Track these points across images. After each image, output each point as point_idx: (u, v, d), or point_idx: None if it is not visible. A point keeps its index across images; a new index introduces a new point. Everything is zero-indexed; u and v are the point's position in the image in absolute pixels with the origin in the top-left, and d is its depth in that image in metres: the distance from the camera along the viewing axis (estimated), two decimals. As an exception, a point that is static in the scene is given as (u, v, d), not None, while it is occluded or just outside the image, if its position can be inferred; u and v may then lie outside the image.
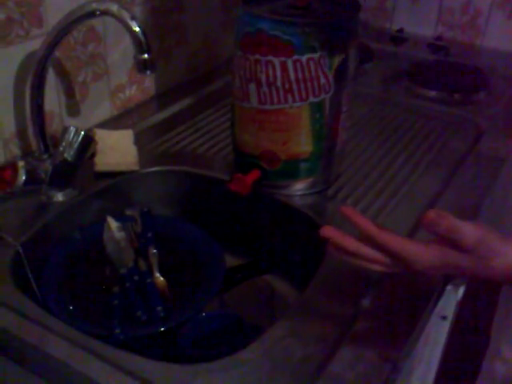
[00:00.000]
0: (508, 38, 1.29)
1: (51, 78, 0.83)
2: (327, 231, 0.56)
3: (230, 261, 0.80)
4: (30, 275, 0.68)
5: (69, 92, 0.87)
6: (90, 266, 0.75)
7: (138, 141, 0.88)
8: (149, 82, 1.02)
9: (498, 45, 1.31)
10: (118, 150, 0.84)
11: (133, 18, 0.64)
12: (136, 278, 0.71)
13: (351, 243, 0.56)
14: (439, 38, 1.33)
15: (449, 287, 0.82)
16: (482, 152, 0.93)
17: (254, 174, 0.77)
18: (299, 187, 0.80)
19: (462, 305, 1.12)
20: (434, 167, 0.89)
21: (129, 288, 0.70)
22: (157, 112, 1.00)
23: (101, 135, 0.85)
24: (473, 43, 1.34)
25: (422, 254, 0.53)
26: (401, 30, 1.37)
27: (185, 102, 1.04)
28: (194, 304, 0.68)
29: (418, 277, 0.66)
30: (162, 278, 0.72)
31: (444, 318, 1.02)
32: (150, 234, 0.77)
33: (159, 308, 0.67)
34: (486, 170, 0.88)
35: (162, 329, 0.64)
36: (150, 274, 0.72)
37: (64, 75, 0.86)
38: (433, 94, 1.11)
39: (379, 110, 1.07)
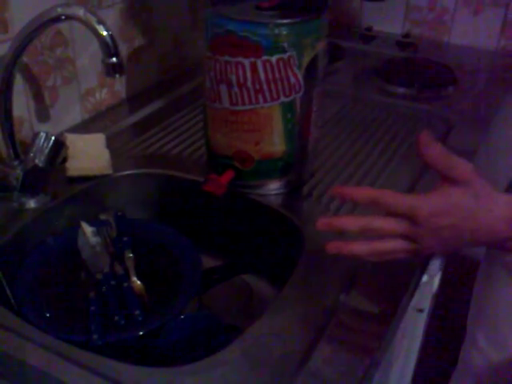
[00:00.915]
0: (474, 34, 1.32)
1: (19, 83, 0.81)
2: (322, 224, 0.57)
3: (207, 262, 0.80)
4: (4, 283, 0.67)
5: (38, 97, 0.86)
6: (66, 271, 0.74)
7: (110, 144, 0.87)
8: (119, 85, 1.02)
9: (464, 41, 1.34)
10: (89, 155, 0.83)
11: (100, 22, 0.63)
12: (113, 282, 0.70)
13: (356, 219, 0.57)
14: (407, 35, 1.35)
15: (424, 279, 0.83)
16: (452, 145, 0.95)
17: (228, 175, 0.77)
18: (274, 186, 0.80)
19: (438, 297, 1.14)
20: (407, 161, 0.90)
21: (105, 293, 0.69)
22: (128, 115, 1.00)
23: (72, 140, 0.84)
24: (440, 40, 1.37)
25: (427, 199, 0.55)
26: (369, 28, 1.38)
27: (156, 105, 1.04)
28: (172, 306, 0.68)
29: (393, 269, 0.67)
30: (138, 282, 0.72)
31: (420, 310, 1.03)
32: (125, 238, 0.77)
33: (137, 312, 0.66)
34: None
35: (141, 333, 0.64)
36: (127, 278, 0.72)
37: (32, 80, 0.85)
38: (402, 90, 1.13)
39: (350, 107, 1.08)
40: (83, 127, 0.94)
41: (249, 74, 0.69)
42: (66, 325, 0.67)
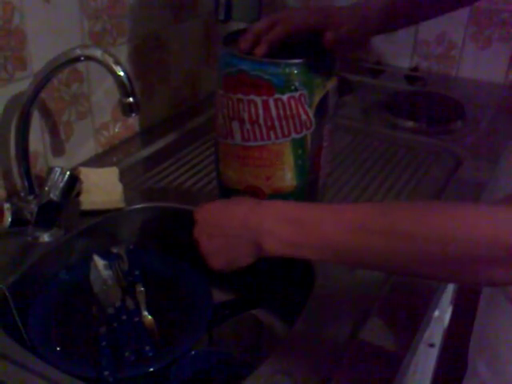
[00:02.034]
0: (481, 68, 1.34)
1: (35, 118, 0.83)
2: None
3: (218, 296, 0.80)
4: (17, 317, 0.68)
5: (53, 132, 0.88)
6: (78, 306, 0.75)
7: (123, 177, 0.88)
8: (133, 119, 1.03)
9: (472, 75, 1.35)
10: (103, 188, 0.84)
11: (117, 62, 0.65)
12: (124, 317, 0.71)
13: None
14: (415, 69, 1.36)
15: (436, 314, 0.83)
16: (462, 179, 0.95)
17: (240, 209, 0.78)
18: (284, 221, 0.80)
19: (449, 331, 1.13)
20: (416, 195, 0.90)
21: (116, 328, 0.69)
22: (141, 148, 1.01)
23: (86, 173, 0.85)
24: (448, 74, 1.38)
25: (208, 204, 0.64)
26: (378, 62, 1.40)
27: (169, 138, 1.05)
28: (183, 342, 0.68)
29: (405, 305, 0.67)
30: (149, 317, 0.72)
31: (432, 345, 1.02)
32: (136, 272, 0.78)
33: (147, 347, 0.66)
34: (468, 194, 0.90)
35: (152, 369, 0.64)
36: (138, 312, 0.72)
37: (48, 115, 0.86)
38: (411, 124, 1.13)
39: (359, 141, 1.09)
40: (97, 160, 0.95)
41: (261, 112, 0.71)
42: (77, 360, 0.67)
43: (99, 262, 0.77)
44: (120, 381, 0.62)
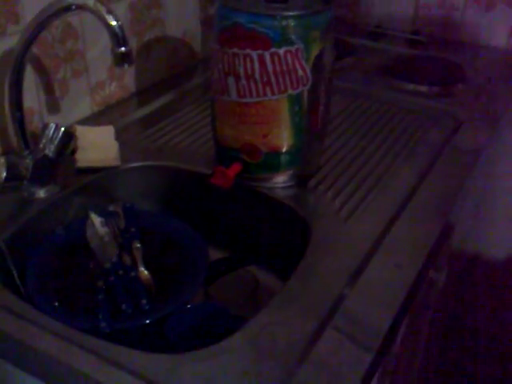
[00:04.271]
0: (483, 31, 1.32)
1: (30, 75, 0.82)
2: None
3: (214, 254, 0.81)
4: (14, 271, 0.68)
5: (48, 89, 0.87)
6: (74, 261, 0.75)
7: (119, 137, 0.88)
8: (129, 79, 1.02)
9: (473, 38, 1.33)
10: (99, 146, 0.84)
11: (109, 11, 0.64)
12: (120, 271, 0.71)
13: None
14: (416, 32, 1.35)
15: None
16: (459, 143, 0.95)
17: (236, 167, 0.78)
18: (280, 179, 0.80)
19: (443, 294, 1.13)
20: (414, 158, 0.90)
21: (113, 282, 0.70)
22: (138, 108, 1.01)
23: (81, 131, 0.84)
24: (449, 37, 1.36)
25: None
26: (379, 26, 1.38)
27: (165, 98, 1.04)
28: (179, 296, 0.69)
29: (398, 262, 0.67)
30: (146, 272, 0.72)
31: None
32: (133, 229, 0.78)
33: (144, 301, 0.67)
34: (464, 159, 0.90)
35: (148, 321, 0.64)
36: (135, 267, 0.72)
37: (43, 72, 0.85)
38: (411, 87, 1.12)
39: (359, 103, 1.08)
40: (93, 120, 0.95)
41: (257, 66, 0.70)
42: (74, 313, 0.68)
43: (96, 219, 0.77)
44: (116, 332, 0.63)
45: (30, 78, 0.82)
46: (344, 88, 1.10)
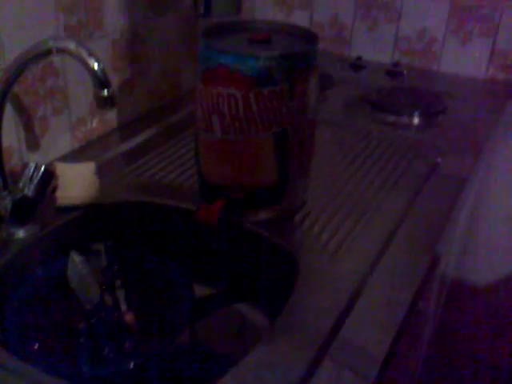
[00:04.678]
0: (462, 63, 1.34)
1: (9, 112, 0.81)
2: None
3: (200, 291, 0.79)
4: (-8, 315, 0.66)
5: (28, 127, 0.86)
6: (55, 302, 0.73)
7: (101, 173, 0.86)
8: (111, 114, 1.02)
9: (453, 70, 1.35)
10: (79, 184, 0.82)
11: (90, 54, 0.63)
12: (102, 313, 0.69)
13: None
14: (396, 64, 1.36)
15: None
16: (444, 172, 0.95)
17: (220, 203, 0.77)
18: (266, 215, 0.80)
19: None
20: (398, 189, 0.90)
21: (95, 324, 0.68)
22: (120, 143, 1.00)
23: (61, 169, 0.83)
24: (429, 69, 1.38)
25: None
26: (359, 58, 1.40)
27: (148, 133, 1.04)
28: (164, 337, 0.67)
29: (389, 296, 0.66)
30: (129, 313, 0.70)
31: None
32: (115, 267, 0.76)
33: (127, 344, 0.65)
34: (449, 188, 0.90)
35: (131, 366, 0.62)
36: (117, 308, 0.71)
37: (22, 110, 0.84)
38: (392, 119, 1.13)
39: (341, 135, 1.08)
40: (74, 156, 0.94)
41: (241, 106, 0.70)
42: (54, 357, 0.65)
43: (77, 258, 0.75)
44: (99, 378, 0.61)
45: (9, 115, 0.80)
46: (325, 119, 1.10)
